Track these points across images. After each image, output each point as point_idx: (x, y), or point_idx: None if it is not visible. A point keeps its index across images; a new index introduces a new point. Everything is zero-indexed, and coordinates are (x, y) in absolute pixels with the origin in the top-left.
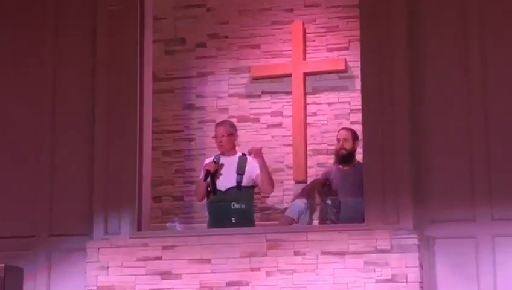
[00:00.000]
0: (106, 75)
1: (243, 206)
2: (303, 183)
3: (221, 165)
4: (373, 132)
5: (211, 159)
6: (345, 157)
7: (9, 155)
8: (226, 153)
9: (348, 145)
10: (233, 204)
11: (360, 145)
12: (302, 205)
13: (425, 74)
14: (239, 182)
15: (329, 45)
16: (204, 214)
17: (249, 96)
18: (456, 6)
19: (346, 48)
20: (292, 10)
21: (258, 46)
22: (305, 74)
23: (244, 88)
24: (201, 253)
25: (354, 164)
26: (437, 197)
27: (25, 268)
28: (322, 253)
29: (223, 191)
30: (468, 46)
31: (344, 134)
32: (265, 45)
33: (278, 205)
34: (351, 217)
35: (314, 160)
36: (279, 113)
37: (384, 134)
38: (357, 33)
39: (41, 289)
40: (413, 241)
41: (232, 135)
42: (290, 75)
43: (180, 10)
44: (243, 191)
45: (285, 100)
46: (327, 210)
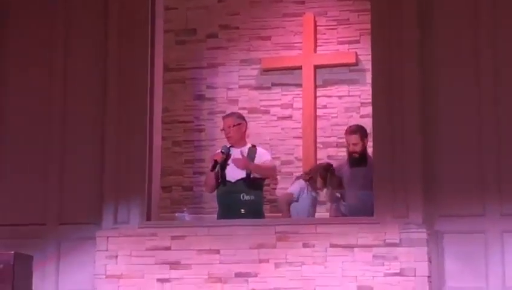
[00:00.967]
0: (117, 65)
1: (252, 197)
2: None
3: (230, 156)
4: (383, 126)
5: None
6: (358, 161)
7: (20, 144)
8: (236, 144)
9: (359, 148)
10: (243, 195)
11: (370, 138)
12: (303, 183)
13: (436, 67)
14: (248, 174)
15: (340, 37)
16: (214, 204)
17: (259, 88)
18: None
19: (357, 41)
20: (303, 2)
21: (268, 38)
22: (316, 67)
23: (254, 80)
24: (210, 244)
25: (367, 163)
26: (447, 191)
27: (34, 256)
28: (331, 246)
29: (232, 182)
30: (479, 39)
31: (353, 139)
32: (276, 36)
33: None
34: (361, 211)
35: (323, 153)
36: (289, 105)
37: (395, 127)
38: (368, 26)
39: (51, 276)
40: (422, 235)
41: (239, 125)
42: (300, 68)
43: (191, 0)
44: (252, 183)
45: (295, 92)
46: (337, 203)
